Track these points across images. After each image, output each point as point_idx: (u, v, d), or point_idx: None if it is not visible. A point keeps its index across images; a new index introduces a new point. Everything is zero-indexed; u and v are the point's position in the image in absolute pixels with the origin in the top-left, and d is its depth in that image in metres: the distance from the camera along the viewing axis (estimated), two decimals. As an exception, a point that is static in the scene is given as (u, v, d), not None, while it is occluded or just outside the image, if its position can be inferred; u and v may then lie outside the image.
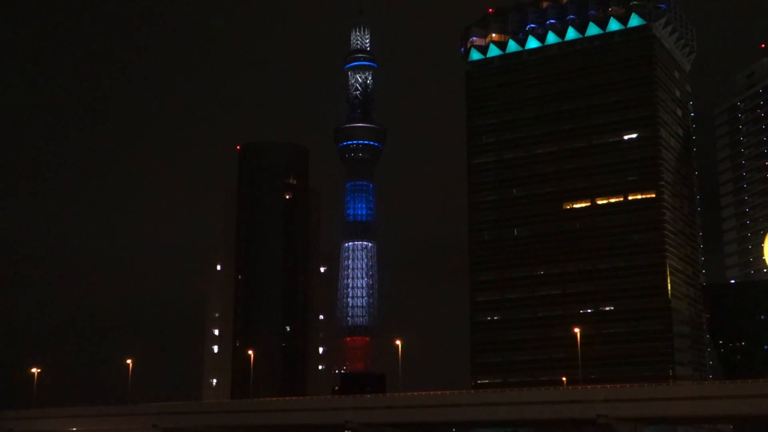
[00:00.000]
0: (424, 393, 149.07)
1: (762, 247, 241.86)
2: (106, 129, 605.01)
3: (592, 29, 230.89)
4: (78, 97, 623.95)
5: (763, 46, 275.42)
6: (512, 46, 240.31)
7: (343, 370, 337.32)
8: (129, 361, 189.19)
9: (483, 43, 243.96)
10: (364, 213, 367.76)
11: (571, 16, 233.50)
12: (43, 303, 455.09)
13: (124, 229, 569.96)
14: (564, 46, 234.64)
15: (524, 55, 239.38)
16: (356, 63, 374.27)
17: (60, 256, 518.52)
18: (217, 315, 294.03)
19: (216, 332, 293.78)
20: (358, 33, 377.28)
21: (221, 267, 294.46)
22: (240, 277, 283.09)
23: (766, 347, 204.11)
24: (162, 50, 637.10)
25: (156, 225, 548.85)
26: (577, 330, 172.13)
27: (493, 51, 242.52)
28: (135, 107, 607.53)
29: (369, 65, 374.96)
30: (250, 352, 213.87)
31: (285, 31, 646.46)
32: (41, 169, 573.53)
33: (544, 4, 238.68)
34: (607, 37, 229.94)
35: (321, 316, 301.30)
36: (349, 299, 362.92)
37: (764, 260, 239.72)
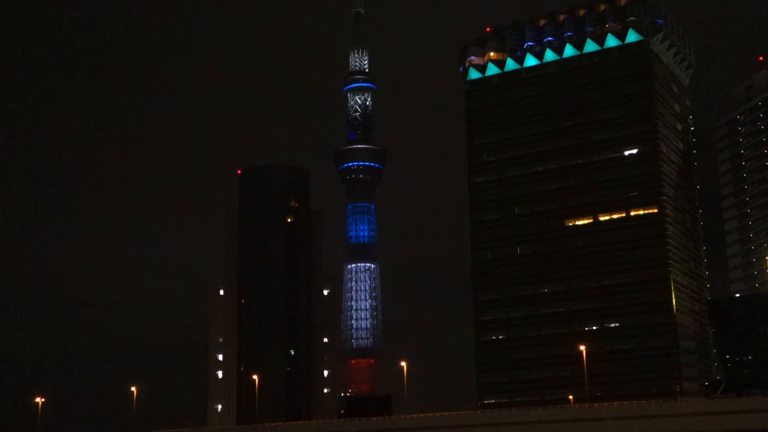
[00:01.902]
0: (430, 414, 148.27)
1: (766, 260, 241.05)
2: (106, 155, 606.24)
3: (590, 46, 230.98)
4: (78, 121, 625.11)
5: (761, 58, 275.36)
6: (510, 64, 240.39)
7: (349, 392, 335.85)
8: (133, 389, 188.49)
9: (481, 62, 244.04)
10: (366, 234, 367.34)
11: (569, 33, 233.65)
12: (45, 331, 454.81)
13: (124, 256, 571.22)
14: (562, 63, 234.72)
15: (523, 72, 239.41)
16: (355, 84, 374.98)
17: (61, 283, 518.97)
18: (220, 340, 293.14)
19: (220, 357, 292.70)
20: (356, 55, 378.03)
21: (224, 292, 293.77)
22: (243, 301, 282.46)
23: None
24: (162, 75, 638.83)
25: (158, 250, 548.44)
26: (582, 347, 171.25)
27: (492, 69, 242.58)
28: (136, 132, 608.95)
29: (368, 86, 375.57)
30: (255, 376, 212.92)
31: (284, 54, 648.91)
32: (40, 196, 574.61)
33: (542, 22, 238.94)
34: (605, 53, 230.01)
35: (325, 339, 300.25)
36: (353, 321, 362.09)
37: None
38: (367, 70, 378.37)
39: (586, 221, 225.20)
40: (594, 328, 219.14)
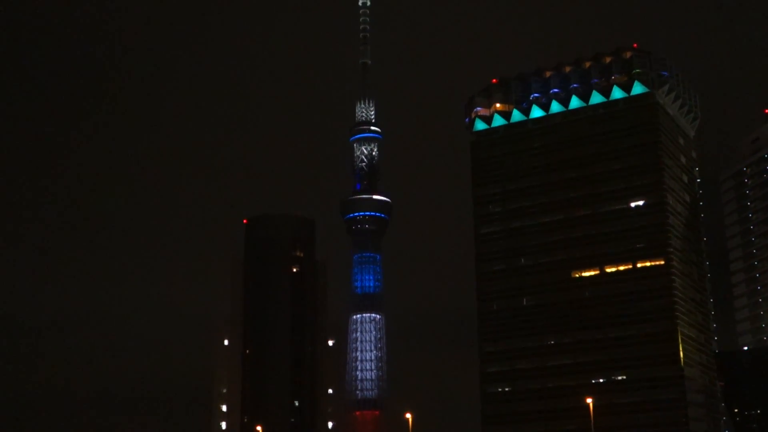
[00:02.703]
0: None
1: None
2: (111, 203, 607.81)
3: (596, 97, 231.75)
4: (81, 168, 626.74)
5: (766, 111, 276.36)
6: (516, 115, 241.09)
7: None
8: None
9: (487, 113, 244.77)
10: (371, 285, 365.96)
11: (575, 85, 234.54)
12: (48, 378, 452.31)
13: (129, 304, 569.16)
14: (568, 114, 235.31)
15: (529, 124, 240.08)
16: (362, 135, 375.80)
17: (64, 332, 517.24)
18: (224, 390, 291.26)
19: (224, 408, 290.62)
20: (363, 105, 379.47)
21: (228, 341, 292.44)
22: (248, 351, 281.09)
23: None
24: (168, 123, 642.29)
25: (162, 299, 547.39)
26: (589, 400, 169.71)
27: (498, 121, 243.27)
28: (141, 179, 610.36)
29: (374, 137, 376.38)
30: (259, 428, 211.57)
31: (290, 103, 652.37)
32: (45, 241, 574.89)
33: (547, 74, 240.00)
34: (610, 105, 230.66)
35: (330, 390, 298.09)
36: (358, 372, 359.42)
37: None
38: (373, 121, 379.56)
39: (592, 272, 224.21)
40: (601, 380, 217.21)
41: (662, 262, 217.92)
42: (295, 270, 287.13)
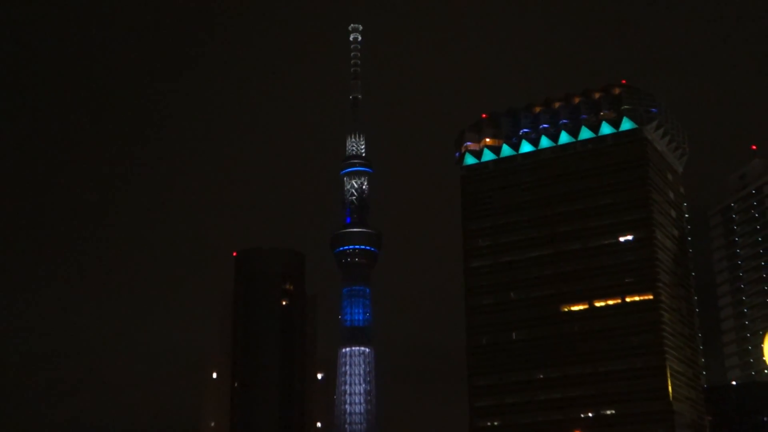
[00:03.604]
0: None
1: (762, 348, 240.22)
2: (98, 233, 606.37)
3: (585, 133, 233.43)
4: (67, 198, 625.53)
5: (754, 147, 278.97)
6: (506, 150, 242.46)
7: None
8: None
9: (477, 148, 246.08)
10: (361, 318, 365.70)
11: (564, 121, 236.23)
12: (31, 414, 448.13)
13: (116, 336, 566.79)
14: (557, 149, 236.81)
15: (518, 159, 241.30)
16: (352, 169, 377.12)
17: (46, 366, 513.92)
18: (212, 424, 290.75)
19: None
20: (353, 139, 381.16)
21: (217, 374, 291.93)
22: (236, 384, 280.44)
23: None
24: (156, 154, 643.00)
25: (150, 332, 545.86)
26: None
27: (488, 155, 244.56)
28: (127, 210, 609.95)
29: (364, 171, 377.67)
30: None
31: (280, 137, 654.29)
32: (28, 272, 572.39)
33: (537, 109, 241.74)
34: (599, 140, 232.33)
35: (318, 424, 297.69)
36: (347, 406, 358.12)
37: (765, 361, 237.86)
38: (363, 155, 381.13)
39: (581, 307, 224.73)
40: (590, 414, 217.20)
41: (651, 297, 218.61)
42: (284, 303, 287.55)
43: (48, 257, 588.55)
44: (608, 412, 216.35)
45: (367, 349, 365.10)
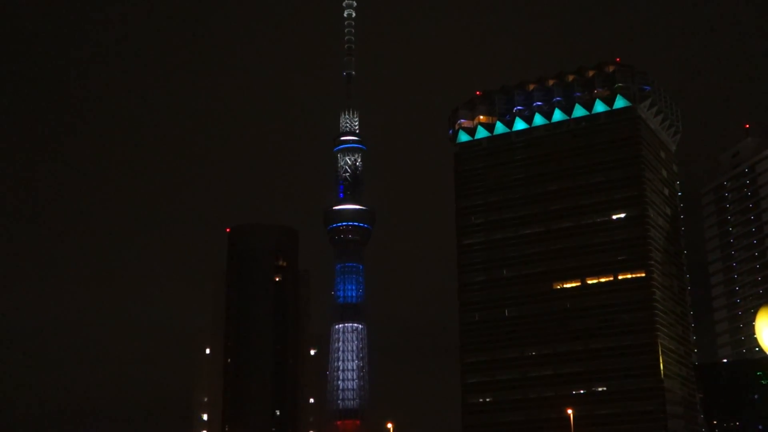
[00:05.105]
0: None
1: (753, 325, 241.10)
2: (89, 211, 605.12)
3: (578, 111, 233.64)
4: (60, 175, 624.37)
5: (747, 126, 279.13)
6: (500, 127, 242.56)
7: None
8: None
9: (471, 125, 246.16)
10: (353, 295, 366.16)
11: (558, 98, 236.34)
12: (24, 390, 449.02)
13: (109, 313, 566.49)
14: (551, 127, 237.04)
15: (512, 136, 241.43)
16: (345, 145, 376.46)
17: (43, 342, 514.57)
18: (205, 399, 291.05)
19: (205, 417, 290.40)
20: (347, 116, 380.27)
21: (210, 350, 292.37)
22: (229, 360, 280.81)
23: (760, 426, 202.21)
24: (150, 131, 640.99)
25: (143, 308, 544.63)
26: (570, 411, 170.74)
27: (481, 133, 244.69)
28: (121, 188, 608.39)
29: (358, 147, 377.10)
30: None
31: (274, 113, 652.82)
32: (22, 253, 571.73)
33: (531, 87, 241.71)
34: (593, 118, 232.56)
35: (311, 400, 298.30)
36: (339, 382, 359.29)
37: (755, 338, 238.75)
38: (357, 132, 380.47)
39: (573, 284, 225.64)
40: (581, 391, 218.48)
41: (643, 275, 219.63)
42: (277, 279, 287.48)
43: (41, 235, 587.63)
44: (600, 388, 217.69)
45: (360, 326, 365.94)
